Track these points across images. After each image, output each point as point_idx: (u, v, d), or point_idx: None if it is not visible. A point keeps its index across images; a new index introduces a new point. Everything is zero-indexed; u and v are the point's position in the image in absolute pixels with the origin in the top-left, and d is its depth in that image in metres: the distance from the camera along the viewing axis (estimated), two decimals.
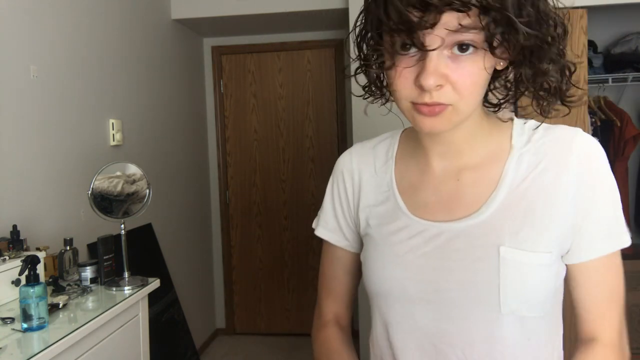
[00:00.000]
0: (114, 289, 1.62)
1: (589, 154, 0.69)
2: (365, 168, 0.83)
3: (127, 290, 1.61)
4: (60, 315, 1.40)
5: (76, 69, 2.10)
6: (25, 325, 1.26)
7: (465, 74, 0.61)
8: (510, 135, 0.73)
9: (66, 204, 2.00)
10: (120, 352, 1.55)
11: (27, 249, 1.61)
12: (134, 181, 1.76)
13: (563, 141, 0.70)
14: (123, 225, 1.71)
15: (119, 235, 1.70)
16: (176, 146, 3.08)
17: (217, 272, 3.69)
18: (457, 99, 0.62)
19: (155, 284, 1.72)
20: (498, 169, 0.72)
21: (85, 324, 1.33)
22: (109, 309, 1.45)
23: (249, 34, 3.50)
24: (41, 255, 1.54)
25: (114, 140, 2.35)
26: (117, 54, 2.43)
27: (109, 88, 2.35)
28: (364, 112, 0.77)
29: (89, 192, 1.62)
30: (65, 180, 2.00)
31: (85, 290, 1.60)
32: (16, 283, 1.44)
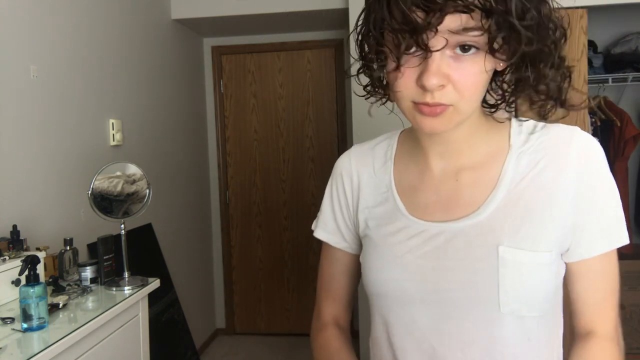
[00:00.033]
0: (114, 289, 1.63)
1: (589, 153, 0.69)
2: (364, 169, 0.83)
3: (127, 290, 1.61)
4: (60, 315, 1.40)
5: (76, 69, 2.10)
6: (25, 325, 1.26)
7: (467, 74, 0.61)
8: (508, 134, 0.74)
9: (66, 204, 2.00)
10: (120, 352, 1.55)
11: (27, 249, 1.61)
12: (134, 181, 1.76)
13: (562, 140, 0.70)
14: (123, 225, 1.71)
15: (119, 235, 1.70)
16: (176, 146, 3.08)
17: (217, 272, 3.69)
18: (458, 99, 0.62)
19: (155, 284, 1.72)
20: (497, 169, 0.72)
21: (85, 324, 1.33)
22: (109, 309, 1.45)
23: (249, 34, 3.50)
24: (41, 255, 1.55)
25: (114, 140, 2.35)
26: (117, 54, 2.43)
27: (109, 88, 2.35)
28: (368, 114, 0.76)
29: (89, 192, 1.62)
30: (65, 180, 2.00)
31: (85, 290, 1.60)
32: (16, 283, 1.44)
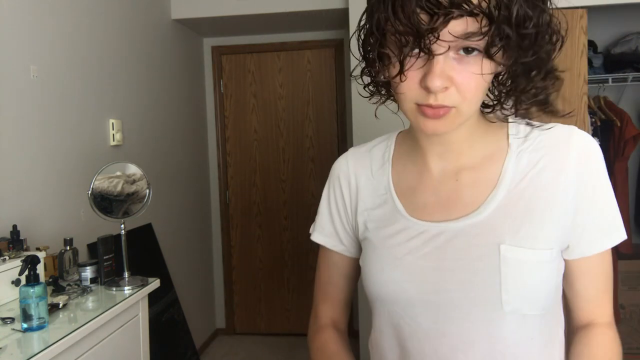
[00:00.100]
0: (114, 289, 1.62)
1: (588, 153, 0.70)
2: (362, 172, 0.82)
3: (127, 290, 1.61)
4: (60, 315, 1.40)
5: (76, 69, 2.10)
6: (25, 325, 1.26)
7: (469, 76, 0.61)
8: (506, 134, 0.74)
9: (66, 204, 2.00)
10: (120, 352, 1.55)
11: (27, 249, 1.61)
12: (134, 181, 1.76)
13: (561, 140, 0.71)
14: (123, 225, 1.71)
15: (119, 235, 1.70)
16: (176, 146, 3.08)
17: (217, 272, 3.69)
18: (461, 101, 0.63)
19: (155, 284, 1.72)
20: (497, 168, 0.72)
21: (85, 324, 1.33)
22: (109, 309, 1.45)
23: (249, 34, 3.50)
24: (41, 255, 1.55)
25: (114, 140, 2.35)
26: (117, 54, 2.43)
27: (109, 88, 2.35)
28: (375, 116, 0.76)
29: (89, 192, 1.62)
30: (65, 180, 2.00)
31: (85, 290, 1.60)
32: (16, 283, 1.44)
